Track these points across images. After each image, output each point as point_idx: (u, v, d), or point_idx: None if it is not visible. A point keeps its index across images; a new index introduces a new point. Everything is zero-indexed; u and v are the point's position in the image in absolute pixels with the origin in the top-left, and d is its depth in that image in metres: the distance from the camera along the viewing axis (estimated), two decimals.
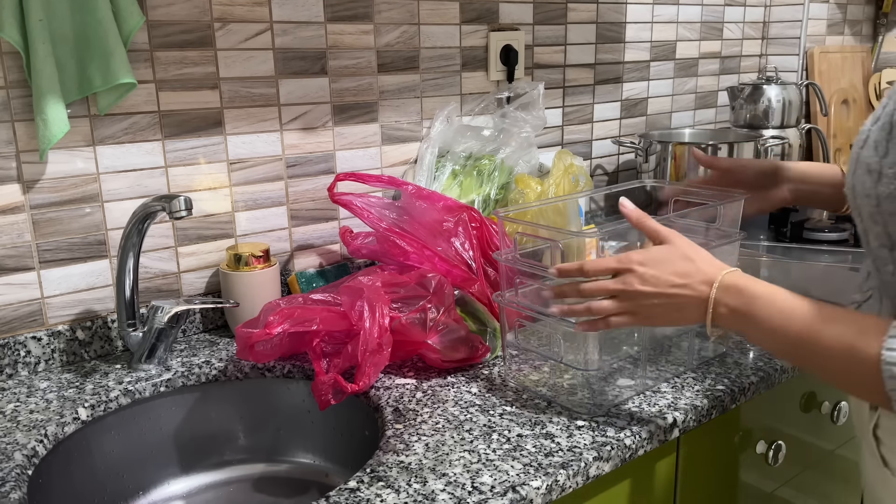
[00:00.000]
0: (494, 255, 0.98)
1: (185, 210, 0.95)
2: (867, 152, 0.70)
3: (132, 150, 1.10)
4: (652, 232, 0.81)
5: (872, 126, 0.71)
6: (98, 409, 0.97)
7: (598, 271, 0.80)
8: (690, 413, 0.91)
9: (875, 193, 0.69)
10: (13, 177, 1.02)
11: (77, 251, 1.08)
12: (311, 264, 1.31)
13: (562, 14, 1.58)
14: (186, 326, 1.18)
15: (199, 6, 1.11)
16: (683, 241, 0.79)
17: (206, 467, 1.08)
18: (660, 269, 0.76)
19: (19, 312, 1.05)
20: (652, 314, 0.78)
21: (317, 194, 1.29)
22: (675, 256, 0.77)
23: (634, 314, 0.79)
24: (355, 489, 0.76)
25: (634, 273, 0.77)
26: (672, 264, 0.77)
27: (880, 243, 0.71)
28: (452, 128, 1.38)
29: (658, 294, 0.76)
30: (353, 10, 1.26)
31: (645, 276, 0.77)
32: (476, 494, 0.75)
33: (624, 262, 0.78)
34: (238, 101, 1.18)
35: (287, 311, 0.97)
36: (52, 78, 0.97)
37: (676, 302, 0.76)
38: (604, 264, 0.79)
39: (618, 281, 0.78)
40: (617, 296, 0.79)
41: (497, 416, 0.91)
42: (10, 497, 0.77)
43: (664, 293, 0.76)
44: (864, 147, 0.70)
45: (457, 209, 1.11)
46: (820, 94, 1.92)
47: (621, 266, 0.78)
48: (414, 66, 1.36)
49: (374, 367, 0.92)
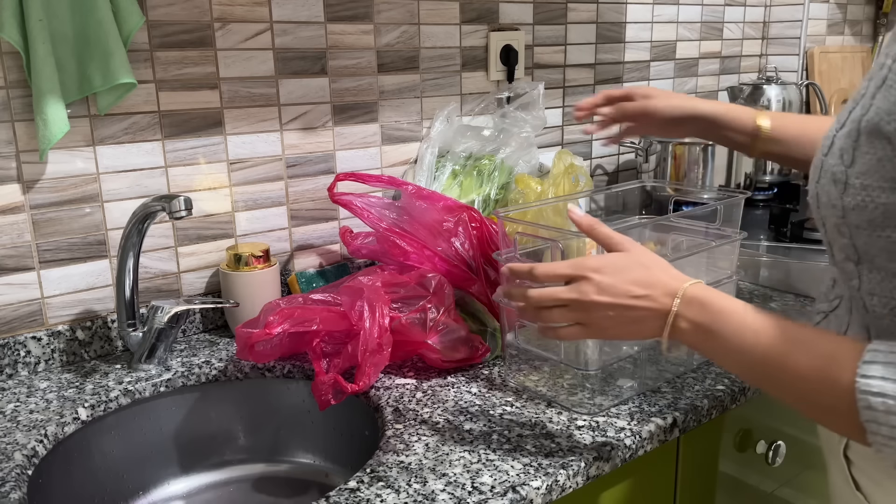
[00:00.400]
0: (494, 255, 0.98)
1: (184, 210, 0.95)
2: (832, 160, 0.64)
3: (132, 150, 1.10)
4: (605, 239, 0.75)
5: (837, 132, 0.65)
6: (98, 409, 0.97)
7: (550, 277, 0.74)
8: (690, 413, 0.91)
9: (841, 205, 0.63)
10: (13, 177, 1.02)
11: (77, 251, 1.08)
12: (311, 264, 1.31)
13: (562, 14, 1.58)
14: (186, 326, 1.18)
15: (199, 6, 1.11)
16: (639, 249, 0.74)
17: (206, 467, 1.08)
18: (617, 278, 0.70)
19: (19, 312, 1.05)
20: (605, 326, 0.72)
21: (317, 194, 1.29)
22: (633, 264, 0.72)
23: (586, 326, 0.73)
24: (355, 489, 0.76)
25: (590, 281, 0.71)
26: (630, 272, 0.71)
27: (845, 256, 0.67)
28: (452, 128, 1.38)
29: (615, 305, 0.70)
30: (353, 10, 1.26)
31: (601, 285, 0.70)
32: (476, 494, 0.75)
33: (578, 268, 0.72)
34: (238, 101, 1.18)
35: (287, 311, 0.97)
36: (52, 78, 0.97)
37: (634, 315, 0.70)
38: (556, 269, 0.73)
39: (571, 289, 0.72)
40: (568, 305, 0.72)
41: (497, 416, 0.91)
42: (10, 497, 0.77)
43: (621, 304, 0.70)
44: (829, 154, 0.65)
45: (457, 209, 1.11)
46: (820, 94, 1.92)
47: (575, 273, 0.72)
48: (414, 66, 1.36)
49: (374, 367, 0.92)
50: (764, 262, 1.35)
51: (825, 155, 0.66)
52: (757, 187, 1.71)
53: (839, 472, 0.76)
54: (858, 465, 0.73)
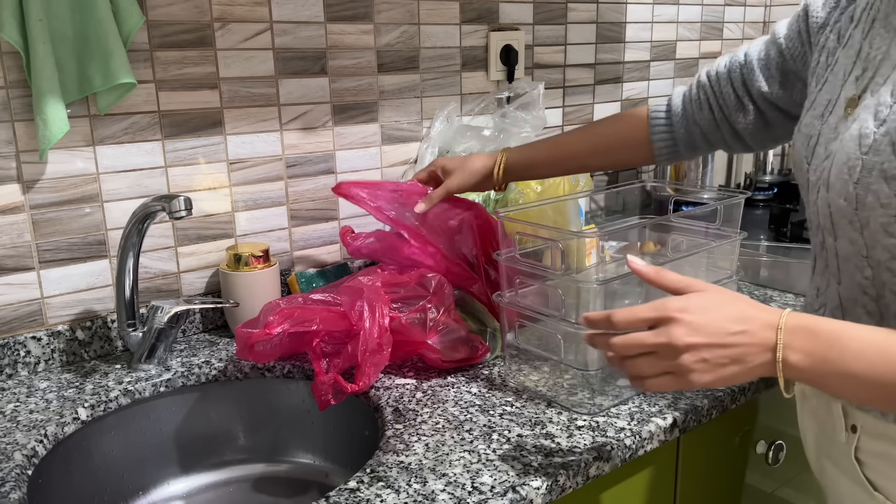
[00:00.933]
0: (494, 256, 0.98)
1: (184, 210, 0.95)
2: (878, 157, 0.63)
3: (132, 150, 1.10)
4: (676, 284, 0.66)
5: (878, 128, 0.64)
6: (98, 409, 0.97)
7: (631, 323, 0.65)
8: (690, 413, 0.91)
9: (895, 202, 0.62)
10: (13, 177, 1.02)
11: (77, 251, 1.08)
12: (311, 264, 1.31)
13: (562, 14, 1.58)
14: (186, 326, 1.18)
15: (199, 6, 1.11)
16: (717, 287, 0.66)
17: (206, 467, 1.08)
18: (708, 317, 0.62)
19: (19, 312, 1.05)
20: (702, 370, 0.62)
21: (317, 194, 1.29)
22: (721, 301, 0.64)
23: (680, 374, 0.63)
24: (355, 489, 0.76)
25: (679, 322, 0.62)
26: (720, 309, 0.63)
27: (891, 255, 0.64)
28: (452, 128, 1.38)
29: (711, 345, 0.61)
30: (353, 10, 1.26)
31: (693, 325, 0.62)
32: (476, 494, 0.75)
33: (661, 310, 0.63)
34: (238, 101, 1.18)
35: (287, 311, 0.97)
36: (52, 78, 0.97)
37: (735, 353, 0.62)
38: (637, 314, 0.65)
39: (659, 333, 0.63)
40: (657, 351, 0.63)
41: (497, 416, 0.91)
42: (10, 497, 0.77)
43: (718, 343, 0.61)
44: (871, 152, 0.64)
45: (463, 206, 1.10)
46: None
47: (660, 315, 0.63)
48: (414, 66, 1.36)
49: (374, 367, 0.92)
50: (764, 262, 1.35)
51: (865, 154, 0.64)
52: (757, 187, 1.71)
53: (850, 476, 0.75)
54: (872, 466, 0.72)
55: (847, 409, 0.75)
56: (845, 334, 0.61)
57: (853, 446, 0.74)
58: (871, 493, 0.73)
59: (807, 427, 0.86)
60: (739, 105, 0.93)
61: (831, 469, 0.80)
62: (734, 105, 0.94)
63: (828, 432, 0.79)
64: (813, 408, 0.83)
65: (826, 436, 0.80)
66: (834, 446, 0.78)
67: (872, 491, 0.73)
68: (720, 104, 0.95)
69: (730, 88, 0.93)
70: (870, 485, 0.73)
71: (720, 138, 0.97)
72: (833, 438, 0.78)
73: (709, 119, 0.97)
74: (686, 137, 0.99)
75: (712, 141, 0.98)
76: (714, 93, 0.95)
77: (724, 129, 0.96)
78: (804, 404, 0.86)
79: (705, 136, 0.98)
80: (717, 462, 1.04)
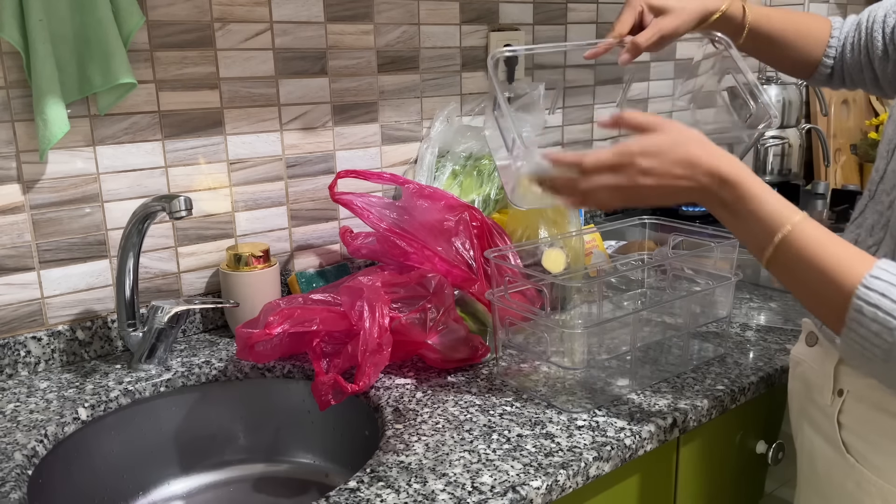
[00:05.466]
0: (486, 254, 0.98)
1: (185, 210, 0.95)
2: None
3: (132, 151, 1.10)
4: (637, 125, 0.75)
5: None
6: (98, 409, 0.97)
7: (598, 168, 0.74)
8: (690, 413, 0.91)
9: None
10: (13, 177, 1.02)
11: (77, 251, 1.08)
12: (311, 264, 1.31)
13: (562, 14, 1.58)
14: (186, 326, 1.18)
15: (199, 6, 1.11)
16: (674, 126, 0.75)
17: (206, 467, 1.08)
18: (661, 160, 0.72)
19: (19, 312, 1.05)
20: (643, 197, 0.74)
21: (317, 194, 1.29)
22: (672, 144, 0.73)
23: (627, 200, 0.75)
24: (355, 489, 0.76)
25: (637, 168, 0.72)
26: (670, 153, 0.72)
27: None
28: (452, 128, 1.38)
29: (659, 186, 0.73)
30: (353, 10, 1.26)
31: (648, 170, 0.72)
32: (476, 494, 0.75)
33: (624, 156, 0.73)
34: (238, 101, 1.18)
35: (287, 312, 0.97)
36: (52, 78, 0.97)
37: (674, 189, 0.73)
38: (603, 159, 0.74)
39: (620, 177, 0.73)
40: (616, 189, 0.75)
41: (497, 416, 0.91)
42: (10, 497, 0.77)
43: (665, 185, 0.72)
44: None
45: (458, 208, 1.11)
46: (820, 94, 1.92)
47: (622, 161, 0.73)
48: (414, 66, 1.36)
49: (374, 367, 0.92)
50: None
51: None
52: None
53: (827, 438, 0.79)
54: (851, 428, 0.76)
55: (838, 374, 0.80)
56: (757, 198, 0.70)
57: (837, 409, 0.77)
58: (843, 454, 0.77)
59: (793, 389, 0.91)
60: (885, 55, 0.94)
61: (808, 430, 0.85)
62: (881, 54, 0.95)
63: (814, 395, 0.83)
64: (803, 371, 0.88)
65: (810, 399, 0.84)
66: (817, 409, 0.82)
67: (845, 452, 0.77)
68: (868, 48, 0.96)
69: (880, 35, 0.94)
70: (844, 447, 0.77)
71: (862, 80, 0.99)
72: (817, 402, 0.82)
73: (856, 61, 0.98)
74: (839, 68, 1.01)
75: (856, 80, 1.01)
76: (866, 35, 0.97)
77: (867, 74, 0.98)
78: (795, 369, 0.90)
79: (850, 74, 1.00)
80: (716, 462, 1.04)
